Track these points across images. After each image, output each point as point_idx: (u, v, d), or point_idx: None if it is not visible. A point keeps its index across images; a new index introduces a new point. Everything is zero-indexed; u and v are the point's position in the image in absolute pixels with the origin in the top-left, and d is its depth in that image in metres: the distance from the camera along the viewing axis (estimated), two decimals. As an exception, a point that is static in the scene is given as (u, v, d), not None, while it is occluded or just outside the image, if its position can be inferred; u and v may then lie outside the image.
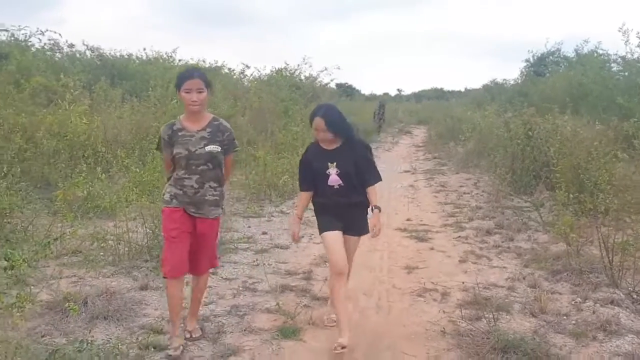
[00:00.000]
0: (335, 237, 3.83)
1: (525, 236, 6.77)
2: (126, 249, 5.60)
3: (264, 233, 6.95)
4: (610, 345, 3.79)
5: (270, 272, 5.30)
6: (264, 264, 5.59)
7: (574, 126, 8.60)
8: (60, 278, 4.96)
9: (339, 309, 3.78)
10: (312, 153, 3.98)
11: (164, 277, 3.75)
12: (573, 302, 4.57)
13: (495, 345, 3.67)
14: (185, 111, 3.65)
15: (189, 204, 3.62)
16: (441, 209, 8.84)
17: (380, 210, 3.84)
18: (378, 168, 4.02)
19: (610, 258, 4.89)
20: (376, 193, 3.89)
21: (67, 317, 4.05)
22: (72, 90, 10.94)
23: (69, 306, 3.74)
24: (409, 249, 6.46)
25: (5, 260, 4.74)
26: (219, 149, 3.63)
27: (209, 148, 3.58)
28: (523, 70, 29.88)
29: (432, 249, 6.44)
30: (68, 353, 2.79)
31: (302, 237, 4.19)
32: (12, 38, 16.74)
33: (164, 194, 3.71)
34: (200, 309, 4.25)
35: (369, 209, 3.87)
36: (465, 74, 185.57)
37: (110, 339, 3.69)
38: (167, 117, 11.07)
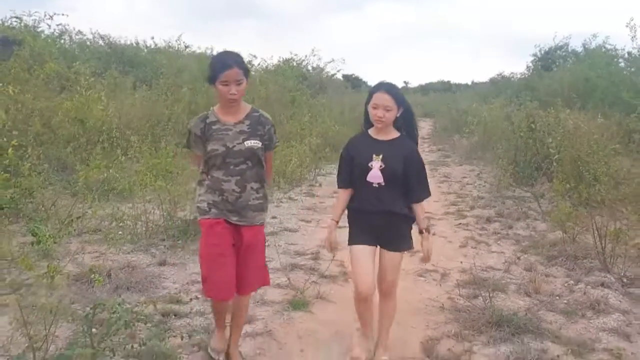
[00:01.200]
0: (364, 252, 3.24)
1: (524, 224, 7.05)
2: (144, 228, 5.91)
3: (274, 217, 7.24)
4: (598, 322, 4.08)
5: (281, 252, 5.59)
6: (275, 245, 5.88)
7: (575, 120, 8.82)
8: (84, 253, 5.27)
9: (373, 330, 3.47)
10: (355, 144, 3.35)
11: (208, 298, 3.42)
12: (566, 285, 4.86)
13: (490, 319, 3.97)
14: (220, 102, 3.12)
15: (231, 212, 3.09)
16: (444, 199, 9.12)
17: (429, 232, 3.35)
18: None
19: (603, 245, 5.16)
20: (424, 212, 3.32)
21: (92, 287, 4.37)
22: (86, 77, 11.24)
23: (94, 277, 4.07)
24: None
25: (32, 235, 5.09)
26: (260, 144, 3.10)
27: (249, 143, 3.06)
28: (530, 64, 30.05)
29: (433, 234, 6.69)
30: (107, 307, 3.09)
31: (338, 247, 3.43)
32: (22, 24, 17.08)
33: (198, 202, 3.17)
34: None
35: (417, 230, 3.32)
36: (472, 67, 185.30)
37: (136, 305, 3.98)
38: (181, 105, 11.41)
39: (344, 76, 40.06)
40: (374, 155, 3.19)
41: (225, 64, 2.98)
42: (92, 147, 8.74)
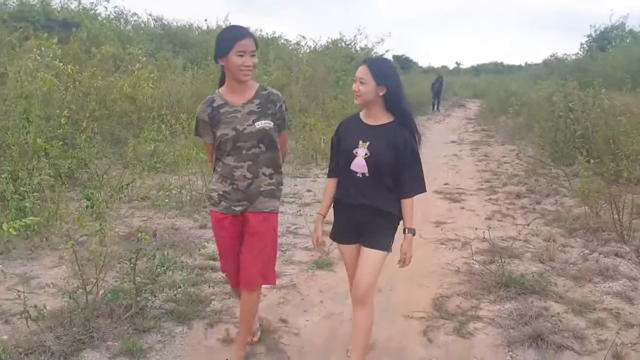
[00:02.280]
0: (351, 254, 3.02)
1: (553, 200, 7.19)
2: (188, 197, 6.41)
3: (309, 190, 7.63)
4: (604, 286, 4.29)
5: (311, 221, 5.97)
6: (306, 214, 6.27)
7: (611, 99, 8.81)
8: (133, 217, 5.80)
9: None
10: (344, 127, 3.00)
11: (223, 272, 3.35)
12: (581, 254, 5.06)
13: (500, 281, 4.24)
14: (228, 81, 2.87)
15: (241, 201, 2.89)
16: (479, 176, 9.29)
17: (414, 235, 2.91)
18: (424, 144, 3.05)
19: (620, 217, 5.32)
20: (413, 209, 2.90)
21: (139, 244, 4.86)
22: (139, 58, 11.87)
23: (141, 236, 4.55)
24: (441, 208, 7.02)
25: (87, 199, 5.66)
26: (272, 124, 2.86)
27: (260, 124, 2.82)
28: (584, 44, 29.26)
29: (462, 208, 6.99)
30: (150, 250, 3.57)
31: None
32: (80, 6, 17.96)
33: (210, 191, 3.03)
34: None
35: (401, 228, 2.93)
36: (526, 48, 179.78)
37: (179, 257, 4.45)
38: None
39: (394, 56, 39.93)
40: (360, 142, 2.82)
41: (239, 34, 2.76)
42: (142, 123, 9.32)
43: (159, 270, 3.58)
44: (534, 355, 3.29)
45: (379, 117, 2.86)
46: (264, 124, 2.84)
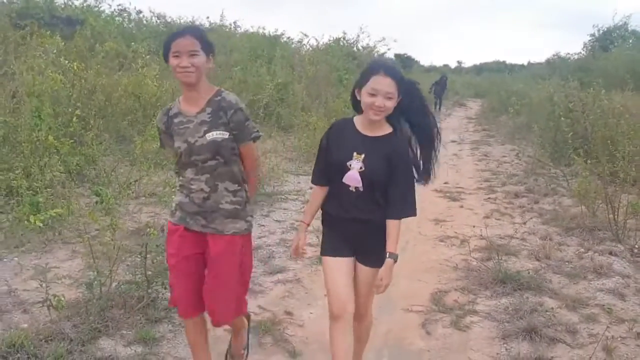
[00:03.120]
0: (337, 265, 2.72)
1: (551, 200, 7.35)
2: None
3: (311, 188, 7.78)
4: (597, 284, 4.46)
5: (316, 218, 6.13)
6: (310, 211, 6.42)
7: (610, 100, 8.96)
8: (141, 213, 5.96)
9: None
10: (337, 134, 2.71)
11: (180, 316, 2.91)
12: (576, 252, 5.21)
13: (496, 277, 4.40)
14: (182, 88, 2.59)
15: (197, 215, 2.61)
16: (478, 175, 9.45)
17: (395, 261, 2.61)
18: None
19: (615, 216, 5.47)
20: (399, 233, 2.62)
21: (148, 239, 5.02)
22: (143, 56, 12.02)
23: (149, 231, 4.71)
24: (440, 206, 7.17)
25: (96, 195, 5.83)
26: (226, 135, 2.55)
27: (211, 136, 2.53)
28: (587, 44, 29.37)
29: (461, 206, 7.15)
30: (159, 249, 3.72)
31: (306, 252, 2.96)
32: (85, 4, 18.11)
33: (173, 202, 2.76)
34: (253, 242, 5.16)
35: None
36: (529, 47, 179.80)
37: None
38: (231, 82, 12.02)
39: (396, 55, 40.07)
40: (354, 153, 2.58)
41: (176, 33, 2.53)
42: (148, 120, 9.47)
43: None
44: (527, 348, 3.45)
45: (379, 128, 2.62)
46: (216, 135, 2.54)
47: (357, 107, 2.65)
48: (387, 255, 2.58)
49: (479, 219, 6.46)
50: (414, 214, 2.67)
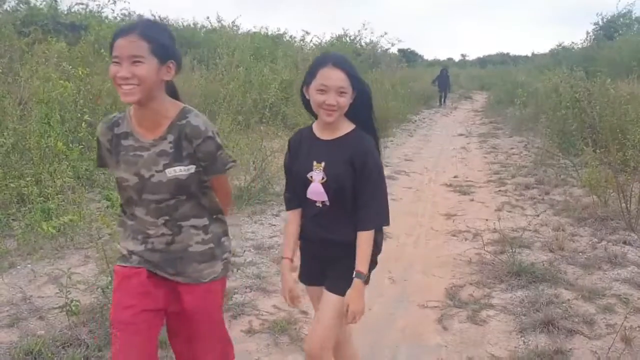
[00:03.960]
0: (317, 296, 2.37)
1: (562, 191, 7.30)
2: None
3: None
4: (612, 274, 4.42)
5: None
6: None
7: (616, 89, 8.90)
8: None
9: None
10: (296, 145, 2.35)
11: None
12: (590, 243, 5.18)
13: (511, 270, 4.38)
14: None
15: (160, 265, 2.06)
16: (488, 168, 9.40)
17: (365, 282, 2.19)
18: (432, 137, 2.50)
19: (628, 205, 5.43)
20: (370, 248, 2.17)
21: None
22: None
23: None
24: (451, 200, 7.15)
25: (107, 200, 5.86)
26: (192, 169, 2.00)
27: (172, 172, 1.97)
28: (591, 33, 29.20)
29: (472, 200, 7.12)
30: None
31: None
32: (87, 10, 18.18)
33: (120, 244, 2.16)
34: (265, 241, 5.18)
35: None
36: (532, 38, 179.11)
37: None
38: (236, 83, 12.01)
39: (399, 50, 40.03)
40: (314, 163, 2.21)
41: (118, 31, 1.89)
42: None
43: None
44: (545, 340, 3.42)
45: (337, 129, 2.23)
46: (179, 171, 1.97)
47: (309, 108, 2.24)
48: (354, 275, 2.13)
49: (491, 212, 6.43)
50: (385, 223, 2.24)
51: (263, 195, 6.69)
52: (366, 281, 2.18)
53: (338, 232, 2.22)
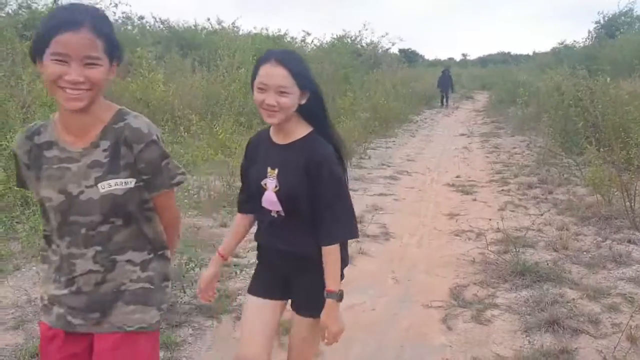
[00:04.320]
0: (260, 308, 2.16)
1: (565, 190, 7.30)
2: (206, 196, 6.58)
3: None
4: (617, 273, 4.42)
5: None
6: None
7: (616, 88, 8.90)
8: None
9: None
10: (252, 149, 2.18)
11: None
12: (594, 242, 5.18)
13: (515, 269, 4.38)
14: (59, 107, 1.62)
15: (86, 311, 1.67)
16: (490, 168, 9.40)
17: (339, 299, 2.01)
18: (434, 137, 2.30)
19: (632, 204, 5.43)
20: (337, 264, 2.00)
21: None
22: (148, 61, 12.08)
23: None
24: (453, 200, 7.14)
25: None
26: (131, 182, 1.64)
27: (106, 187, 1.61)
28: (592, 32, 29.19)
29: (474, 200, 7.11)
30: (178, 249, 3.73)
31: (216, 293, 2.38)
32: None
33: (41, 293, 1.75)
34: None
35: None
36: (533, 37, 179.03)
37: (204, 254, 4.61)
38: (237, 85, 12.02)
39: (400, 50, 40.10)
40: (268, 169, 2.03)
41: (61, 21, 1.48)
42: (156, 124, 9.50)
43: (187, 267, 3.74)
44: (550, 340, 3.41)
45: (292, 132, 2.03)
46: (115, 186, 1.61)
47: None
48: (326, 295, 1.98)
49: (494, 212, 6.42)
50: (352, 236, 2.04)
51: (266, 196, 6.68)
52: (339, 298, 2.01)
53: (295, 244, 2.05)
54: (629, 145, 7.17)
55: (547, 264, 4.48)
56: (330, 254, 1.97)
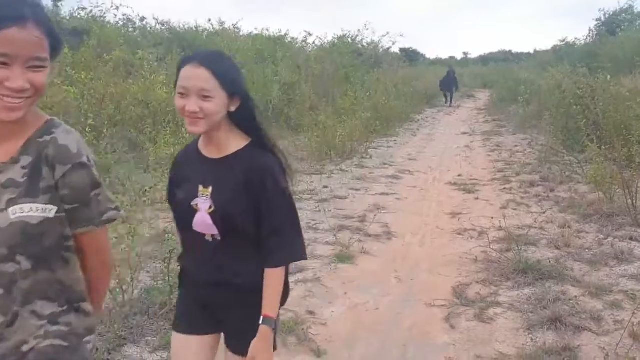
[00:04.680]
0: (188, 346, 1.90)
1: (567, 187, 7.29)
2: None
3: (325, 187, 7.78)
4: (619, 270, 4.42)
5: (330, 217, 6.13)
6: (325, 210, 6.42)
7: (618, 85, 8.90)
8: (158, 219, 5.98)
9: None
10: (179, 166, 1.93)
11: None
12: (596, 239, 5.18)
13: (517, 267, 4.38)
14: None
15: None
16: (492, 166, 9.40)
17: (274, 329, 1.76)
18: (435, 137, 2.07)
19: (634, 201, 5.43)
20: (279, 288, 1.78)
21: (167, 244, 5.04)
22: (150, 63, 12.09)
23: (168, 237, 4.74)
24: (455, 199, 7.15)
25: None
26: (50, 213, 1.30)
27: (17, 212, 1.26)
28: (593, 29, 29.18)
29: (477, 198, 7.12)
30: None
31: None
32: (90, 15, 18.24)
33: None
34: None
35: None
36: (534, 35, 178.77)
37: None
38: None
39: (401, 49, 40.08)
40: (200, 188, 1.77)
41: (5, 13, 1.20)
42: (158, 127, 9.53)
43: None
44: (553, 337, 3.42)
45: (226, 145, 1.78)
46: (29, 212, 1.28)
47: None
48: (262, 321, 1.73)
49: (496, 210, 6.43)
50: (301, 257, 1.82)
51: (268, 197, 6.70)
52: (275, 326, 1.75)
53: (233, 272, 1.79)
54: (630, 142, 7.16)
55: (550, 262, 4.48)
56: (274, 277, 1.76)
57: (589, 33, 28.83)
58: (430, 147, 12.08)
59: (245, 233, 1.77)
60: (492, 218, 5.98)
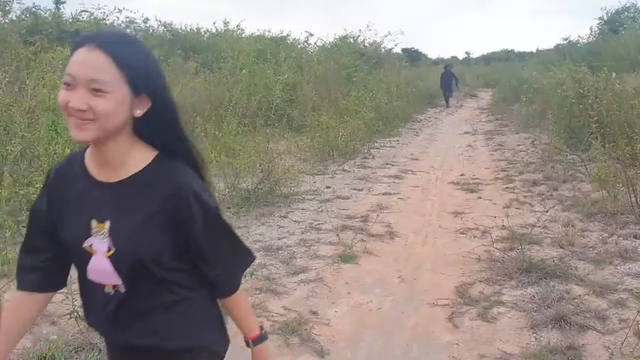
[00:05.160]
0: None
1: (570, 186, 7.27)
2: (210, 198, 6.59)
3: (328, 187, 7.77)
4: (624, 268, 4.40)
5: (333, 217, 6.11)
6: (328, 210, 6.41)
7: (621, 83, 8.87)
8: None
9: None
10: (57, 188, 1.39)
11: None
12: (600, 238, 5.16)
13: (521, 266, 4.37)
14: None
15: None
16: (495, 165, 9.37)
17: (263, 341, 1.57)
18: (437, 137, 1.96)
19: (637, 199, 5.41)
20: (246, 303, 1.57)
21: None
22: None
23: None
24: (458, 198, 7.13)
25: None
26: None
27: None
28: (595, 27, 29.13)
29: (479, 197, 7.10)
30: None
31: None
32: (92, 17, 18.27)
33: None
34: (274, 243, 5.18)
35: (250, 341, 1.55)
36: (536, 34, 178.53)
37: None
38: (240, 86, 12.04)
39: (403, 50, 40.06)
40: (93, 223, 1.31)
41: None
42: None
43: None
44: (557, 336, 3.40)
45: (124, 163, 1.32)
46: None
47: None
48: (251, 343, 1.54)
49: (499, 209, 6.41)
50: (248, 265, 1.55)
51: (270, 197, 6.70)
52: (267, 336, 1.60)
53: (152, 333, 1.38)
54: (634, 140, 7.15)
55: (553, 261, 4.46)
56: (239, 299, 1.50)
57: (592, 32, 28.77)
58: (432, 146, 12.07)
59: (159, 278, 1.33)
60: (495, 217, 5.96)
